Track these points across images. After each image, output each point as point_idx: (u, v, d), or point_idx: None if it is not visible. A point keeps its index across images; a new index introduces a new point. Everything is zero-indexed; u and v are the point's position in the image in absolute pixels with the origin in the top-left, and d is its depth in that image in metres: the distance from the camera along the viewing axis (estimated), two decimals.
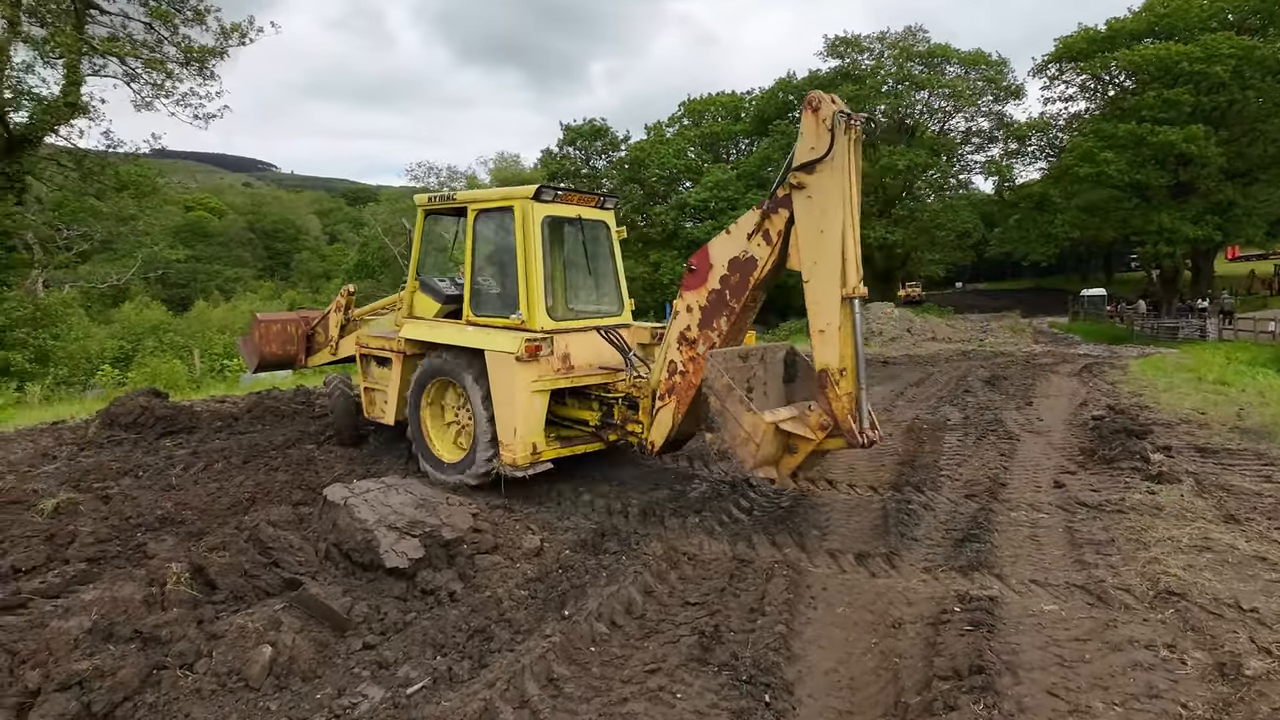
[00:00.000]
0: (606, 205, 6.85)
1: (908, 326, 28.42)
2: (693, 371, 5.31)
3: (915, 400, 11.94)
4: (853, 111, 4.45)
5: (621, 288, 7.00)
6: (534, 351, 5.61)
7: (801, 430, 4.64)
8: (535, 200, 6.05)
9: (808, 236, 4.66)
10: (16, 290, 15.54)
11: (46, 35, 15.21)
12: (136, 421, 7.70)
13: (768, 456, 4.64)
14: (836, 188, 4.45)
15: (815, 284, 4.64)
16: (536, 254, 5.98)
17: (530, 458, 5.74)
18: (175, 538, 4.64)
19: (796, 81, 50.94)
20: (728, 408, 4.72)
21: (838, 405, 4.53)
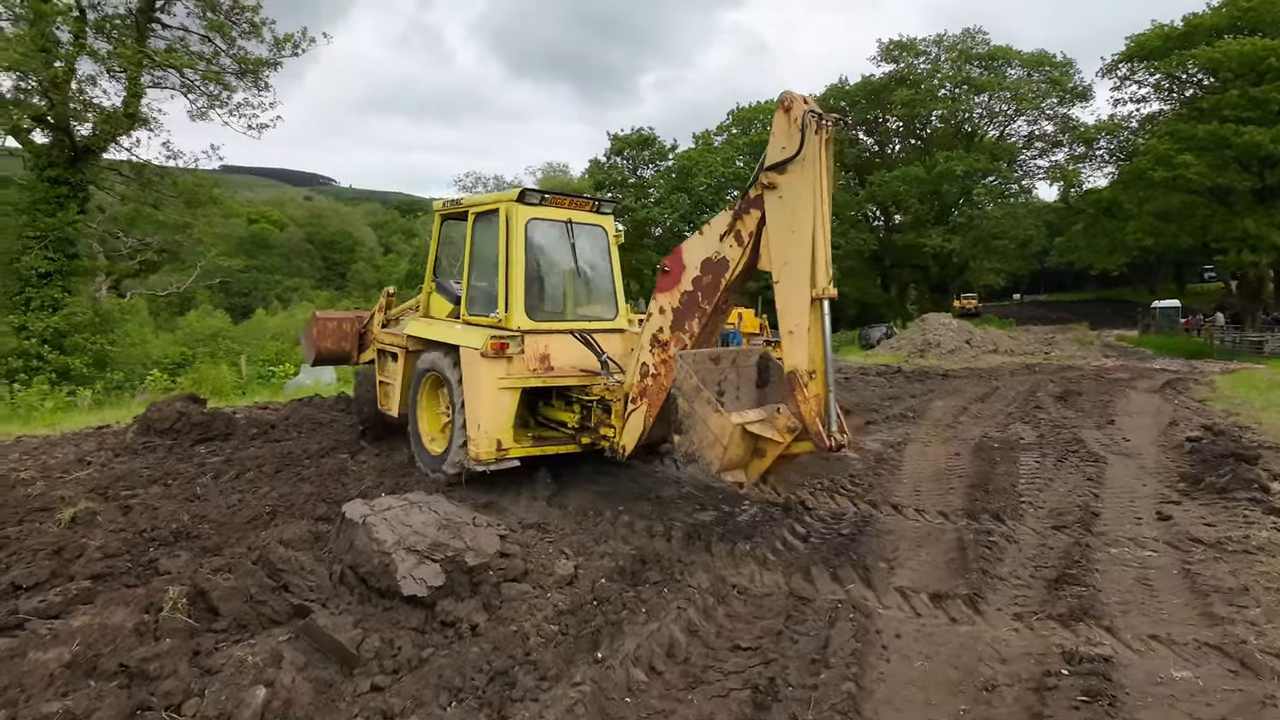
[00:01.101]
0: (603, 210, 6.90)
1: (967, 338, 27.14)
2: (664, 374, 5.27)
3: (981, 416, 11.12)
4: (824, 111, 4.36)
5: (617, 292, 6.98)
6: (499, 348, 5.71)
7: (769, 433, 4.49)
8: (520, 203, 6.22)
9: (779, 237, 4.58)
10: (78, 296, 16.08)
11: (110, 49, 15.76)
12: (172, 428, 7.60)
13: (735, 459, 4.52)
14: (807, 187, 4.37)
15: (785, 285, 4.57)
16: (518, 255, 6.14)
17: (494, 454, 5.82)
18: (189, 553, 4.36)
19: (849, 88, 49.85)
20: (696, 409, 4.63)
21: (805, 407, 4.38)
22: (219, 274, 30.12)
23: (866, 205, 50.47)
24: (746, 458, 4.57)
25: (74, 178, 15.91)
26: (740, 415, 4.59)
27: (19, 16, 14.43)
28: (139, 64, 15.81)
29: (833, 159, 4.48)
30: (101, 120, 15.98)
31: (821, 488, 6.63)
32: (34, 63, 13.71)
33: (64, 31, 15.35)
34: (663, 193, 53.24)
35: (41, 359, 14.58)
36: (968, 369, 21.08)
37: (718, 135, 57.09)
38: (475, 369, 5.82)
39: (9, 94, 14.86)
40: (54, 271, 15.56)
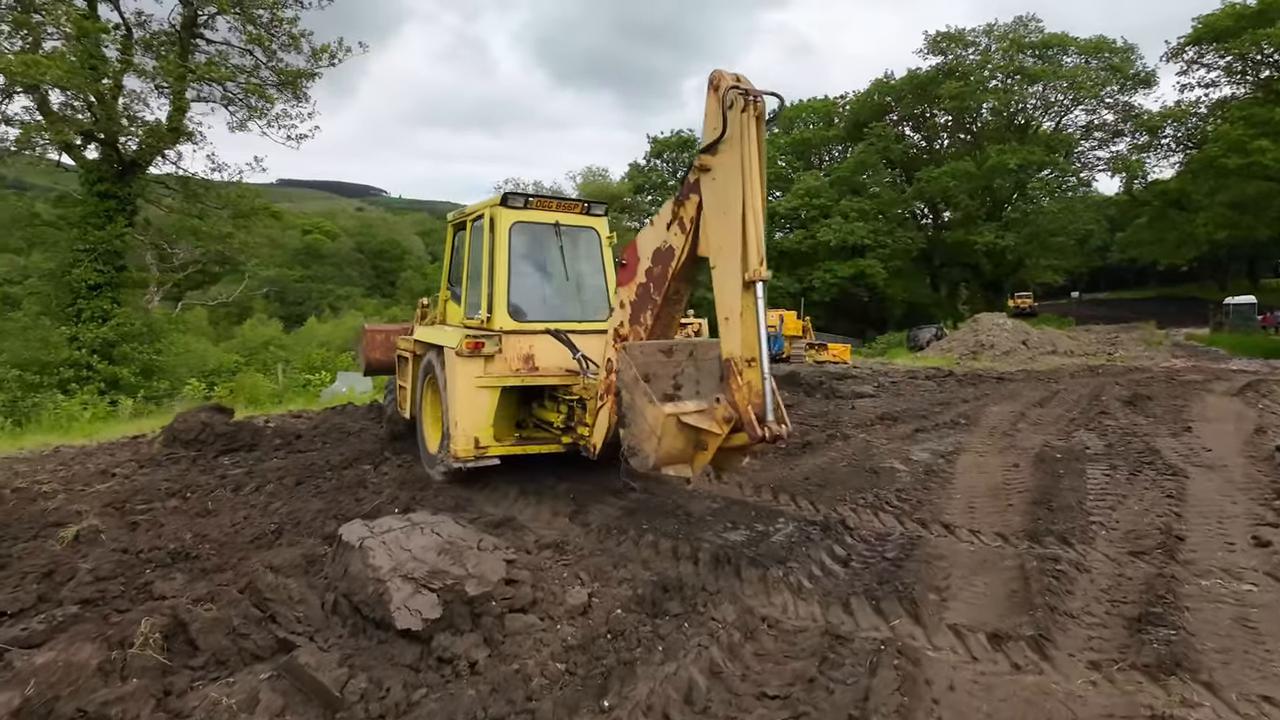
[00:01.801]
0: (593, 211, 6.97)
1: (1023, 339, 25.89)
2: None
3: (1041, 423, 10.36)
4: (751, 88, 4.18)
5: (610, 292, 6.91)
6: (474, 348, 5.84)
7: (705, 424, 4.27)
8: (503, 207, 6.39)
9: (713, 220, 4.46)
10: (126, 307, 16.55)
11: (156, 66, 16.20)
12: (197, 439, 7.54)
13: (672, 452, 4.35)
14: (736, 167, 4.20)
15: (720, 269, 4.41)
16: (500, 258, 6.32)
17: (473, 452, 5.93)
18: (185, 576, 4.15)
19: (894, 82, 48.53)
20: (635, 401, 4.52)
21: (739, 396, 4.17)
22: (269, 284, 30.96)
23: (914, 203, 49.02)
24: (687, 450, 4.38)
25: (122, 191, 16.43)
26: (675, 406, 4.41)
27: (67, 35, 14.96)
28: (183, 79, 16.24)
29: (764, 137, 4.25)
30: (147, 135, 16.47)
31: (865, 503, 6.13)
32: (78, 79, 14.20)
33: (111, 49, 15.90)
34: None
35: (91, 369, 15.06)
36: (1024, 371, 20.01)
37: None
38: (454, 368, 5.95)
39: (58, 109, 15.42)
40: (103, 283, 16.09)
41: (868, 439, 9.05)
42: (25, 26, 14.46)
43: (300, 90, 17.80)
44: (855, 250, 45.82)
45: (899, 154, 48.79)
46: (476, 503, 6.15)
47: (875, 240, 45.18)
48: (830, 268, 45.14)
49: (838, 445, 8.65)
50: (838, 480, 6.93)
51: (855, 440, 8.96)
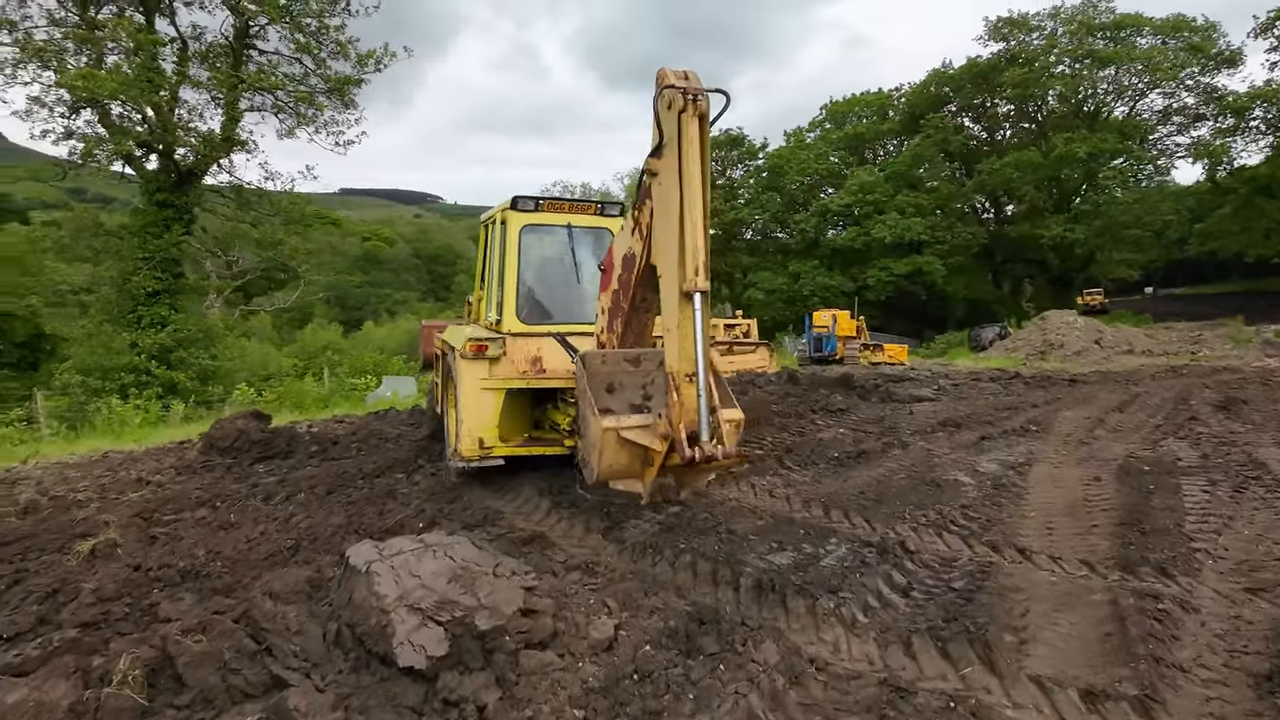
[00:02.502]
0: (607, 212, 6.86)
1: (1096, 338, 24.37)
2: None
3: (1122, 430, 9.49)
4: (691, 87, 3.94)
5: None
6: (477, 350, 5.93)
7: (645, 440, 4.13)
8: (513, 210, 6.42)
9: (659, 226, 4.26)
10: (183, 313, 17.08)
11: (210, 77, 16.70)
12: (233, 446, 7.49)
13: (616, 466, 4.25)
14: (673, 170, 4.00)
15: (665, 278, 4.20)
16: (511, 260, 6.38)
17: (477, 452, 6.00)
18: (195, 596, 3.95)
19: (952, 71, 46.73)
20: (582, 411, 4.42)
21: (675, 413, 3.99)
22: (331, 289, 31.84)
23: (974, 196, 47.10)
24: (633, 466, 4.24)
25: (179, 200, 16.99)
26: (616, 419, 4.26)
27: (126, 50, 15.52)
28: (235, 88, 16.67)
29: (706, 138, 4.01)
30: (202, 145, 16.96)
31: (926, 522, 5.56)
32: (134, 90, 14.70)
33: (167, 62, 16.47)
34: (753, 193, 51.86)
35: (150, 374, 15.55)
36: (1099, 372, 18.73)
37: (810, 131, 55.11)
38: (460, 370, 6.05)
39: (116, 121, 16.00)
40: (162, 290, 16.64)
41: (928, 447, 8.40)
42: (89, 43, 15.07)
43: (348, 96, 18.10)
44: (912, 247, 44.27)
45: (958, 146, 46.92)
46: (506, 516, 5.85)
47: (933, 236, 43.54)
48: (885, 265, 43.72)
49: (895, 455, 8.05)
50: (895, 494, 6.36)
51: (914, 449, 8.33)
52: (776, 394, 13.04)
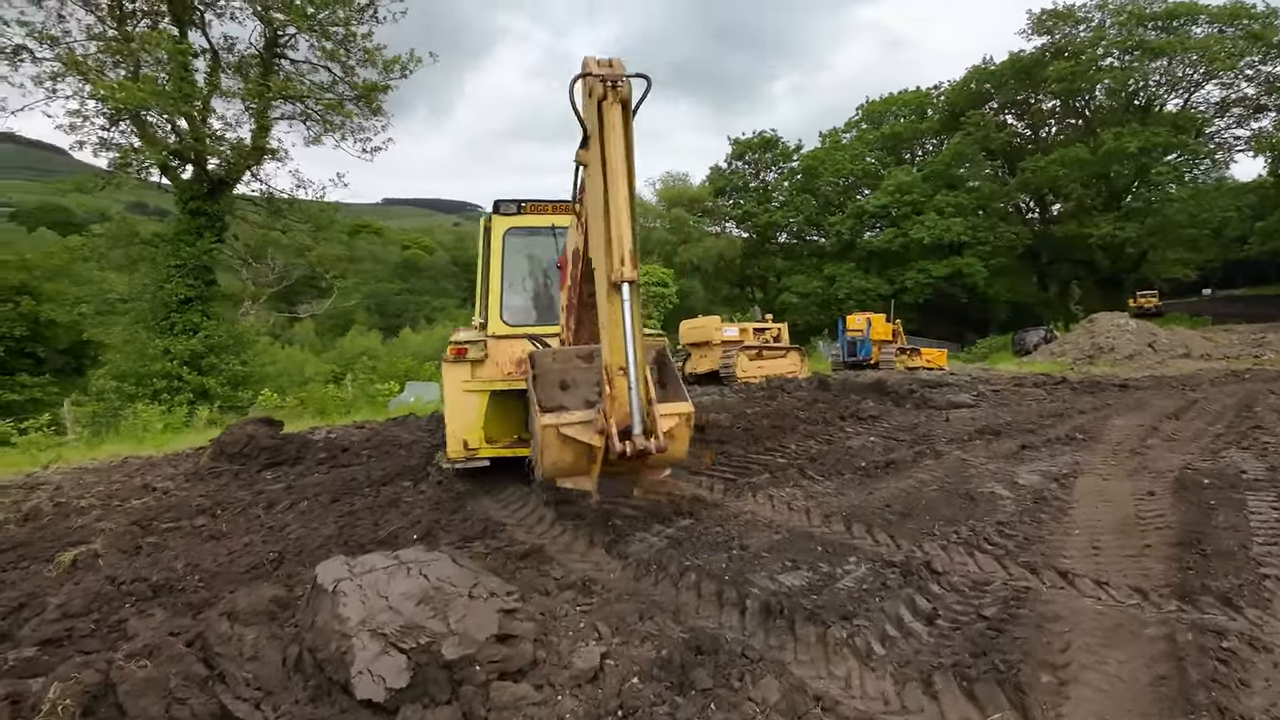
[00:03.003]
0: None
1: (1149, 341, 23.19)
2: None
3: (1178, 439, 8.81)
4: (612, 74, 3.82)
5: None
6: (457, 354, 6.08)
7: (584, 436, 4.08)
8: (496, 214, 6.61)
9: (590, 218, 4.20)
10: (215, 320, 17.39)
11: (242, 87, 17.01)
12: (242, 452, 7.41)
13: (560, 464, 4.18)
14: (598, 158, 3.93)
15: (598, 270, 4.12)
16: (495, 263, 6.54)
17: (463, 453, 6.12)
18: (166, 612, 3.76)
19: (994, 67, 45.39)
20: (530, 408, 4.40)
21: (609, 407, 3.91)
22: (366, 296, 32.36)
23: (1017, 195, 45.59)
24: (580, 463, 4.16)
25: (211, 209, 17.34)
26: (557, 416, 4.20)
27: (159, 61, 15.90)
28: (264, 98, 16.96)
29: (629, 125, 3.90)
30: (234, 154, 17.28)
31: (957, 539, 5.11)
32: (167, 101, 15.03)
33: (199, 74, 16.85)
34: (787, 196, 51.14)
35: (181, 380, 15.83)
36: (1152, 377, 17.74)
37: (846, 132, 54.15)
38: (444, 373, 6.22)
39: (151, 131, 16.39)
40: (194, 297, 16.97)
41: (964, 457, 7.89)
42: (124, 55, 15.46)
43: (375, 104, 18.24)
44: (952, 248, 43.03)
45: (1000, 143, 45.49)
46: (508, 528, 5.59)
47: (974, 236, 42.25)
48: (924, 267, 42.58)
49: (927, 465, 7.56)
50: (925, 508, 5.91)
51: (949, 458, 7.82)
52: (805, 400, 12.57)
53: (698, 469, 6.22)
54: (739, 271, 51.95)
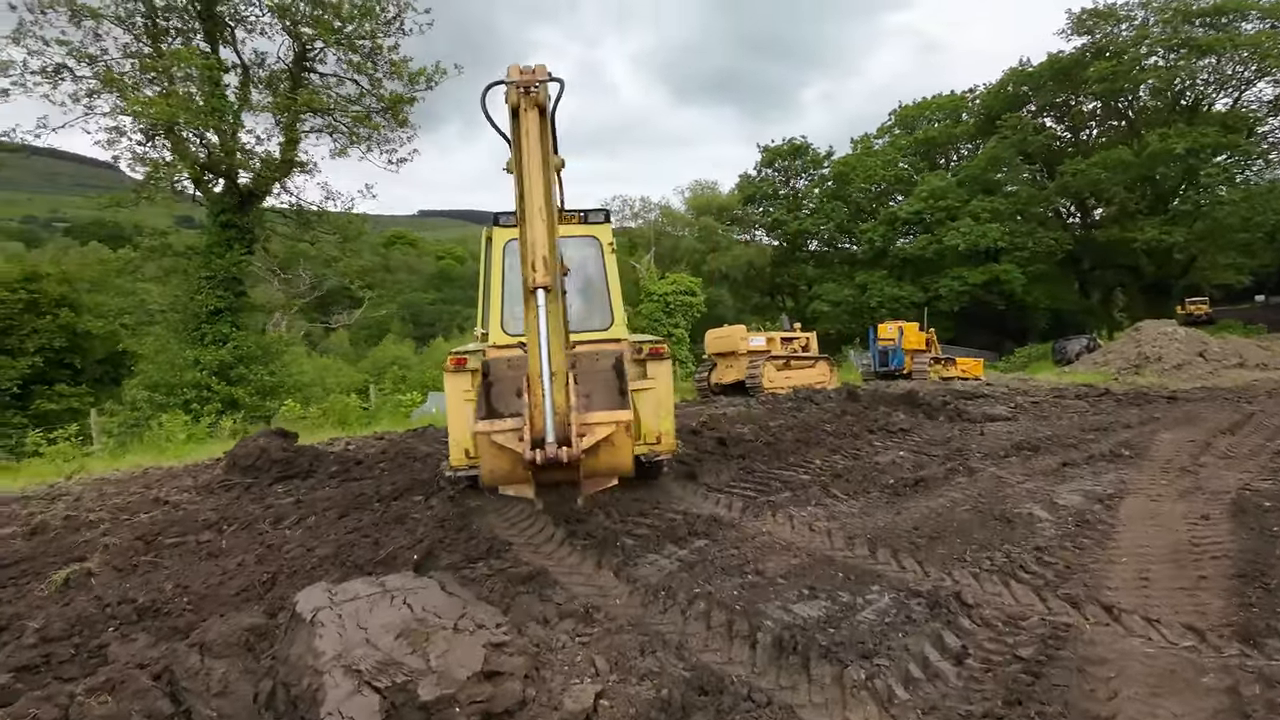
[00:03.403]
0: (592, 220, 6.99)
1: (1199, 350, 22.15)
2: None
3: (1234, 456, 8.24)
4: (526, 79, 3.86)
5: (612, 300, 6.96)
6: (457, 364, 6.20)
7: (511, 443, 4.13)
8: (497, 226, 6.76)
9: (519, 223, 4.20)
10: (244, 331, 17.65)
11: (271, 101, 17.32)
12: (254, 465, 7.34)
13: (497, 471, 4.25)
14: (517, 163, 4.03)
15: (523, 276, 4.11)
16: (495, 275, 6.75)
17: (464, 461, 6.15)
18: (150, 636, 3.62)
19: (1031, 69, 44.28)
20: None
21: (530, 414, 3.94)
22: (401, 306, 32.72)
23: (1057, 199, 44.27)
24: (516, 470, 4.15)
25: (241, 221, 17.65)
26: (490, 423, 4.24)
27: (190, 77, 16.27)
28: (293, 111, 17.23)
29: (545, 129, 3.94)
30: (264, 168, 17.58)
31: (991, 567, 4.75)
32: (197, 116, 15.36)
33: (230, 89, 17.19)
34: (817, 203, 50.50)
35: (210, 390, 16.07)
36: (1204, 389, 16.88)
37: (878, 138, 53.32)
38: (446, 383, 6.33)
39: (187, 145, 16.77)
40: (224, 308, 17.26)
41: (999, 474, 7.47)
42: (159, 71, 15.86)
43: (401, 115, 18.39)
44: (989, 254, 41.94)
45: (1038, 146, 44.27)
46: (514, 548, 5.38)
47: (1012, 242, 41.11)
48: (959, 274, 41.55)
49: (959, 483, 7.16)
50: (956, 531, 5.55)
51: (983, 476, 7.41)
52: (832, 412, 12.18)
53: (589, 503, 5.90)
54: (769, 280, 51.39)
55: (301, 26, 17.16)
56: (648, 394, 6.55)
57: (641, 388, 6.56)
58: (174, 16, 16.62)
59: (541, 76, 3.83)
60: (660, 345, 6.73)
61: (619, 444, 4.14)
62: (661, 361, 6.64)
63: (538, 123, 3.85)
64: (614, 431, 4.16)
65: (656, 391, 6.56)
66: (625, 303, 8.00)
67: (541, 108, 3.86)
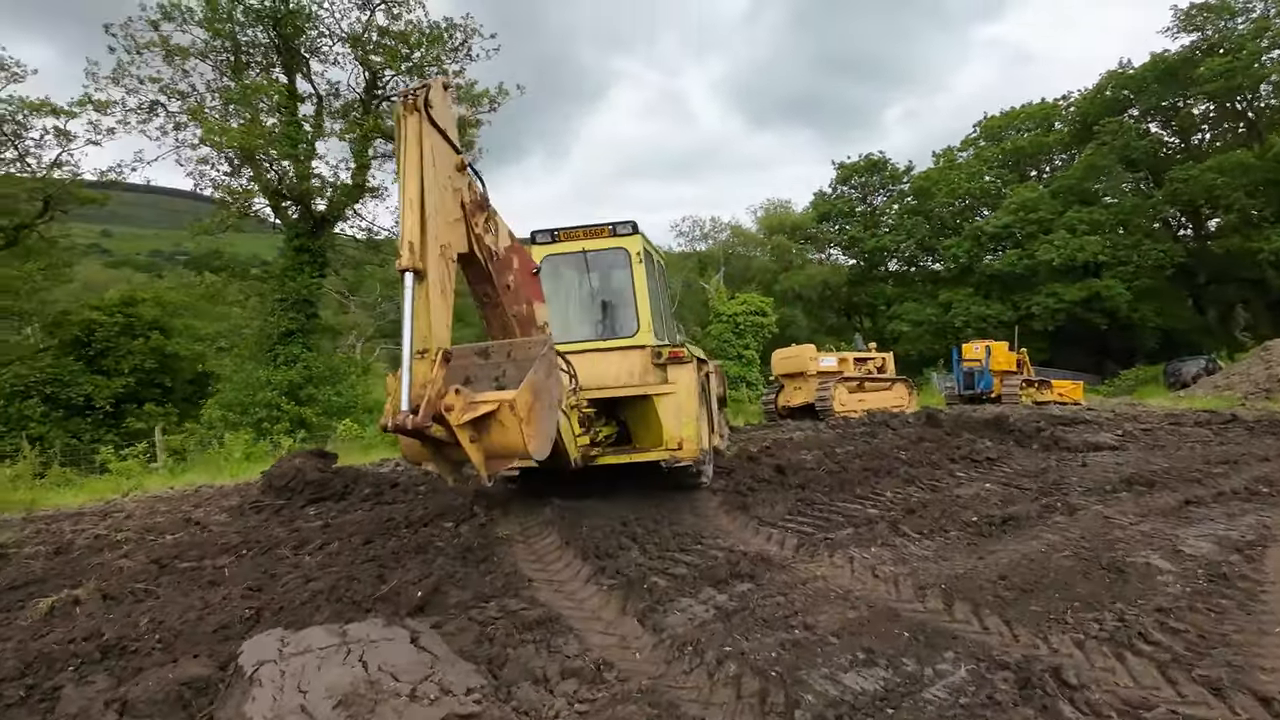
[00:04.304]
0: (619, 232, 7.10)
1: None
2: None
3: None
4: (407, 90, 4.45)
5: (639, 309, 7.03)
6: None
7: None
8: (533, 244, 7.10)
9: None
10: (314, 352, 18.13)
11: (343, 129, 17.96)
12: (288, 486, 7.15)
13: (411, 448, 4.45)
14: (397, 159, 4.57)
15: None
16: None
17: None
18: (111, 679, 3.27)
19: (1133, 71, 41.28)
20: None
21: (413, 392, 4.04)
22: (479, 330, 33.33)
23: (1165, 208, 40.79)
24: (426, 449, 4.35)
25: (314, 245, 18.25)
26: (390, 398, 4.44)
27: (272, 108, 17.05)
28: (365, 137, 17.78)
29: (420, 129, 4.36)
30: (335, 193, 18.16)
31: (1099, 633, 3.85)
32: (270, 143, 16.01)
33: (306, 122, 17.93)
34: (896, 219, 48.56)
35: (280, 410, 16.50)
36: None
37: (962, 150, 50.92)
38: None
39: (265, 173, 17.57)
40: (296, 330, 17.80)
41: (1106, 513, 6.40)
42: (239, 103, 16.72)
43: (465, 138, 18.63)
44: (1087, 269, 38.93)
45: (1142, 153, 40.99)
46: (532, 585, 4.86)
47: (1114, 256, 38.04)
48: (1054, 291, 38.74)
49: (1057, 522, 6.15)
50: (1054, 583, 4.63)
51: (1086, 515, 6.36)
52: (909, 438, 11.13)
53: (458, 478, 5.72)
54: (845, 300, 49.58)
55: (371, 55, 17.77)
56: (667, 399, 6.64)
57: (661, 392, 6.69)
58: (256, 52, 17.57)
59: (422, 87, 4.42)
60: (680, 349, 6.78)
61: (507, 424, 4.20)
62: (682, 366, 6.68)
63: (415, 125, 4.33)
64: (498, 410, 4.19)
65: (677, 396, 6.61)
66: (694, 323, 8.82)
67: (415, 108, 4.34)
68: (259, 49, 17.63)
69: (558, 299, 7.28)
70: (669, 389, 6.69)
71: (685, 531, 5.98)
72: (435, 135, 4.49)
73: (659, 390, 6.71)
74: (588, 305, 7.38)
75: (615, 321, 7.24)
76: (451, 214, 4.86)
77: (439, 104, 4.56)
